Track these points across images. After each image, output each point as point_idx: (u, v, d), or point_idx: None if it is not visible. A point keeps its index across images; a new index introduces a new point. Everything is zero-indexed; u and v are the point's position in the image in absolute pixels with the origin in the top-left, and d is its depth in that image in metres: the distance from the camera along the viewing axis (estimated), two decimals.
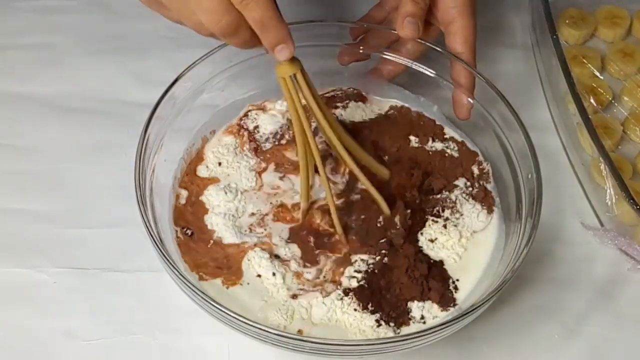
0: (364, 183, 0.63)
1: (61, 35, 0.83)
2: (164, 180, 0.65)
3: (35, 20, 0.84)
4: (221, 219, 0.65)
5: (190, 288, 0.55)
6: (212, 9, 0.53)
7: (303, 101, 0.60)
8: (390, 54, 0.71)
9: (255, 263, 0.62)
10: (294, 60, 0.58)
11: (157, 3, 0.57)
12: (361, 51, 0.72)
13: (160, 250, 0.57)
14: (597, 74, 0.81)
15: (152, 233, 0.58)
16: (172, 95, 0.65)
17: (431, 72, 0.71)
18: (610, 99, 0.79)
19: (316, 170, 0.63)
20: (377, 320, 0.59)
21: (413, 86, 0.73)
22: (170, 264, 0.56)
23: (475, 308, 0.56)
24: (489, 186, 0.67)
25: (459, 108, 0.69)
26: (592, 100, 0.78)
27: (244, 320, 0.54)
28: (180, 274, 0.56)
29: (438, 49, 0.70)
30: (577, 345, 0.65)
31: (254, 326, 0.54)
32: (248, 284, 0.62)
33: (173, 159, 0.67)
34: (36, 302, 0.65)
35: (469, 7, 0.69)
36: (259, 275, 0.62)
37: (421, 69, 0.71)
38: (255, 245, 0.63)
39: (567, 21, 0.84)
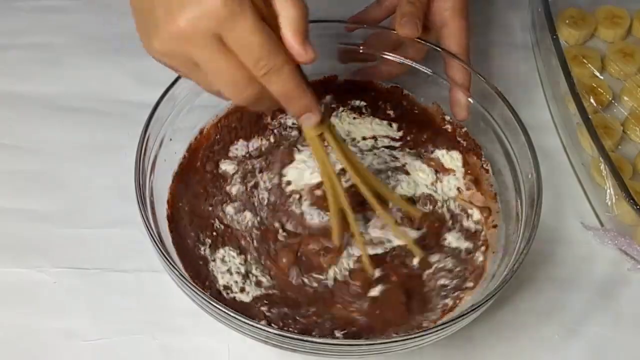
0: (394, 231, 0.63)
1: (61, 35, 0.83)
2: (164, 180, 0.65)
3: (35, 20, 0.84)
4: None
5: (190, 288, 0.56)
6: (234, 82, 0.50)
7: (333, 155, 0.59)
8: (390, 54, 0.72)
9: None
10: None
11: (168, 66, 0.54)
12: (361, 51, 0.72)
13: (160, 250, 0.57)
14: (597, 74, 0.81)
15: (152, 233, 0.58)
16: (172, 95, 0.65)
17: (430, 72, 0.71)
18: (610, 99, 0.79)
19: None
20: None
21: (412, 86, 0.73)
22: (170, 264, 0.56)
23: (475, 308, 0.56)
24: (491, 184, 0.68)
25: (457, 107, 0.69)
26: (592, 100, 0.78)
27: (244, 320, 0.54)
28: (180, 274, 0.56)
29: (438, 48, 0.70)
30: (577, 345, 0.65)
31: (254, 326, 0.54)
32: None
33: (173, 159, 0.67)
34: (36, 302, 0.65)
35: (462, 9, 0.70)
36: None
37: (421, 69, 0.71)
38: None
39: (567, 21, 0.84)
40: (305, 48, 0.50)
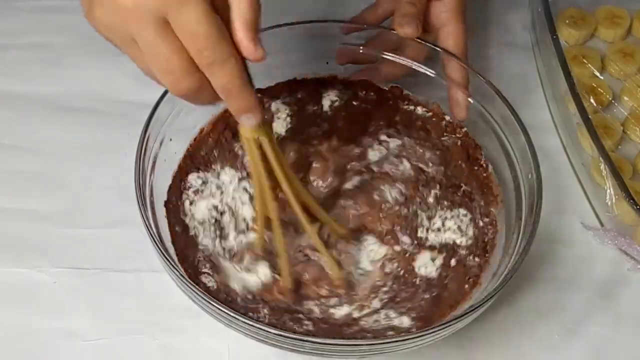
0: (319, 248, 0.62)
1: (61, 35, 0.83)
2: (164, 180, 0.65)
3: (35, 20, 0.84)
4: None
5: (190, 288, 0.56)
6: (171, 70, 0.47)
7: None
8: (389, 55, 0.72)
9: None
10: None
11: (107, 39, 0.52)
12: (361, 51, 0.72)
13: (160, 250, 0.57)
14: (597, 74, 0.81)
15: (152, 233, 0.58)
16: (172, 96, 0.65)
17: (431, 72, 0.71)
18: (610, 99, 0.79)
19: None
20: None
21: (412, 86, 0.73)
22: (171, 264, 0.56)
23: (475, 308, 0.56)
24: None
25: (457, 107, 0.69)
26: (592, 100, 0.78)
27: (244, 320, 0.54)
28: (180, 274, 0.56)
29: (436, 48, 0.70)
30: (577, 345, 0.65)
31: (254, 326, 0.54)
32: None
33: (173, 159, 0.67)
34: (36, 302, 0.65)
35: (459, 11, 0.70)
36: None
37: (421, 69, 0.71)
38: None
39: (567, 21, 0.84)
40: (255, 44, 0.47)
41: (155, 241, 0.58)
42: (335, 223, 0.64)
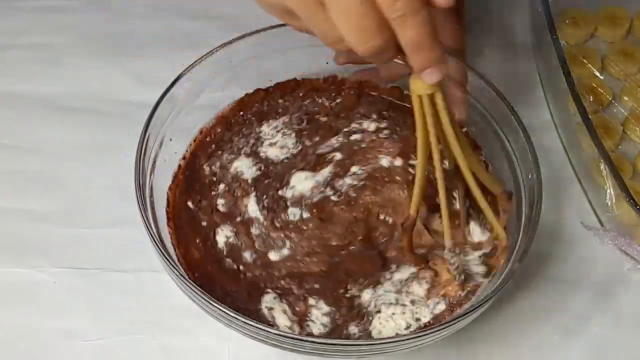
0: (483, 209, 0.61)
1: (61, 35, 0.83)
2: (164, 180, 0.65)
3: (35, 20, 0.84)
4: None
5: (190, 288, 0.55)
6: (363, 27, 0.46)
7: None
8: None
9: None
10: None
11: (288, 13, 0.50)
12: None
13: (160, 250, 0.57)
14: (597, 74, 0.81)
15: (152, 233, 0.58)
16: (172, 96, 0.65)
17: None
18: (610, 99, 0.79)
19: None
20: None
21: None
22: (171, 264, 0.56)
23: (475, 308, 0.55)
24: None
25: (455, 106, 0.69)
26: (592, 100, 0.78)
27: (244, 320, 0.54)
28: (180, 274, 0.56)
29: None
30: (577, 345, 0.65)
31: (254, 326, 0.54)
32: None
33: (173, 159, 0.67)
34: (36, 302, 0.65)
35: (458, 11, 0.70)
36: None
37: None
38: None
39: (567, 21, 0.84)
40: None
41: (155, 241, 0.57)
42: (492, 180, 0.62)
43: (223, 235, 0.64)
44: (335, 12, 0.47)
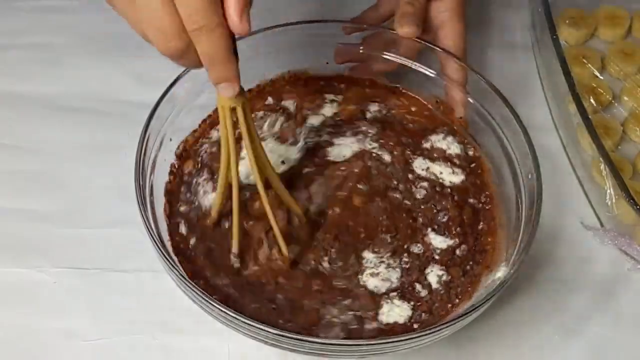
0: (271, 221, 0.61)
1: (61, 35, 0.83)
2: (164, 180, 0.65)
3: (35, 20, 0.84)
4: None
5: (190, 288, 0.55)
6: (162, 29, 0.49)
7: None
8: (389, 55, 0.72)
9: None
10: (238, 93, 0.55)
11: (114, 3, 0.53)
12: (361, 51, 0.72)
13: (160, 250, 0.57)
14: (597, 74, 0.81)
15: (152, 233, 0.58)
16: (172, 96, 0.65)
17: (431, 72, 0.71)
18: (610, 99, 0.79)
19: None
20: None
21: (413, 85, 0.73)
22: (170, 264, 0.56)
23: (475, 308, 0.55)
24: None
25: (456, 106, 0.69)
26: (592, 100, 0.78)
27: (244, 320, 0.54)
28: (181, 274, 0.56)
29: (435, 47, 0.70)
30: (577, 345, 0.65)
31: (254, 326, 0.54)
32: None
33: (173, 159, 0.67)
34: (36, 302, 0.65)
35: (458, 11, 0.70)
36: None
37: (420, 69, 0.71)
38: None
39: (567, 21, 0.84)
40: (241, 17, 0.48)
41: (155, 241, 0.57)
42: (295, 204, 0.63)
43: None
44: (140, 12, 0.49)
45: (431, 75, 0.71)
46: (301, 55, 0.71)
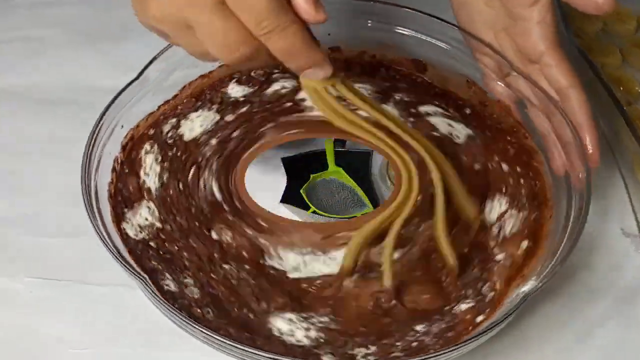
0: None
1: (49, 28, 0.80)
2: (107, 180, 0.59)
3: (24, 15, 0.81)
4: None
5: (163, 305, 0.50)
6: (227, 44, 0.47)
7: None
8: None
9: None
10: None
11: (162, 34, 0.50)
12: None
13: (124, 265, 0.51)
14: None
15: (108, 246, 0.51)
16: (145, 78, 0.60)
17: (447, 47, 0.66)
18: (638, 89, 0.71)
19: None
20: None
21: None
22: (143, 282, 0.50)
23: (497, 324, 0.50)
24: None
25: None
26: (622, 91, 0.71)
27: (223, 340, 0.48)
28: (152, 291, 0.50)
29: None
30: (596, 354, 0.58)
31: (238, 348, 0.48)
32: None
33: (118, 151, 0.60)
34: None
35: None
36: None
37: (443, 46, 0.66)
38: None
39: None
40: (316, 7, 0.46)
41: (114, 254, 0.51)
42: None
43: None
44: (200, 34, 0.47)
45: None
46: None
